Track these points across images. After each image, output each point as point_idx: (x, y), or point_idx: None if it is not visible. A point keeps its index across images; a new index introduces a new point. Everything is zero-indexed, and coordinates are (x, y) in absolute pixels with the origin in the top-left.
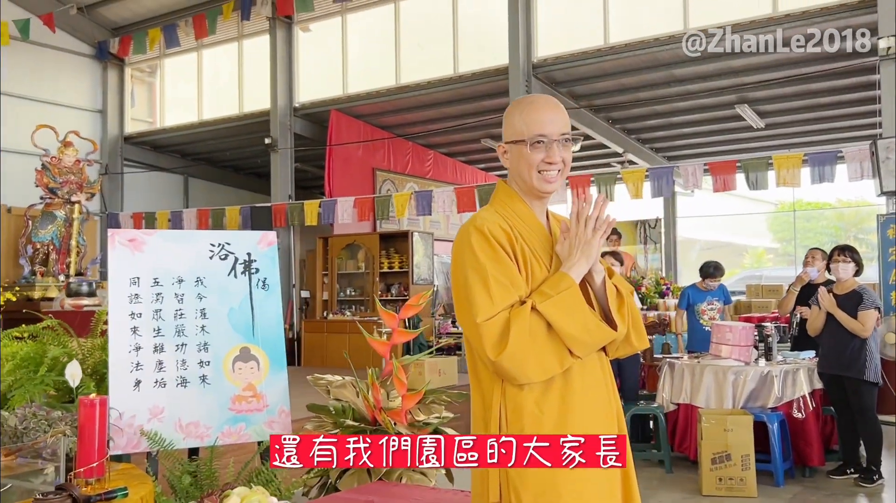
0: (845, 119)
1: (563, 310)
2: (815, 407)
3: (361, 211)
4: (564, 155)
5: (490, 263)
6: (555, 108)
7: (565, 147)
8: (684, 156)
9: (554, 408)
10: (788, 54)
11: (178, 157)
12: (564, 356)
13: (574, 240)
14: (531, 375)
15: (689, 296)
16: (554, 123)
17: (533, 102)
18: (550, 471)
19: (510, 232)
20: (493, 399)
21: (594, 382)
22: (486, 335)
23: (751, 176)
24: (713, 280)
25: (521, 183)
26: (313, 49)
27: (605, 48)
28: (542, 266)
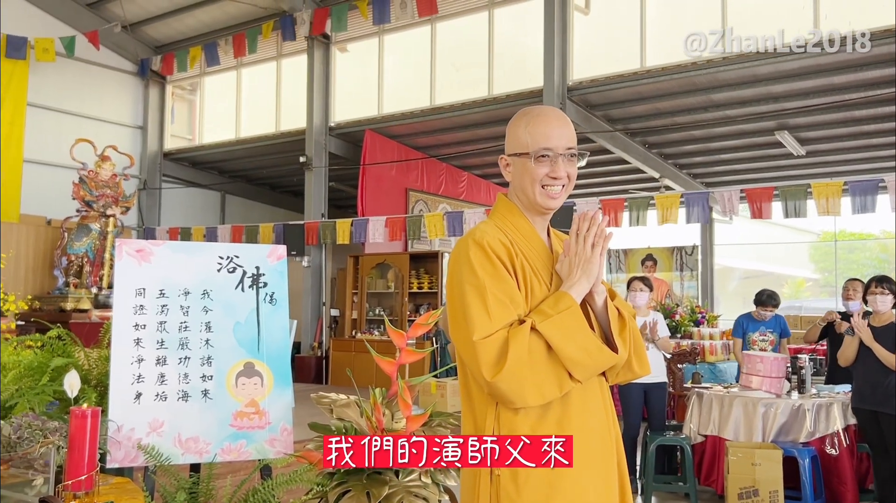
0: (887, 148)
1: (563, 330)
2: (849, 443)
3: (393, 230)
4: (569, 170)
5: (489, 279)
6: (561, 121)
7: (570, 162)
8: (722, 182)
9: (549, 425)
10: (830, 80)
11: (216, 173)
12: (564, 379)
13: (574, 258)
14: (528, 399)
15: (742, 324)
16: (560, 137)
17: (539, 114)
18: (545, 489)
19: (510, 247)
20: (486, 423)
21: (594, 409)
22: (483, 354)
23: (789, 204)
24: (765, 308)
25: (523, 197)
26: (350, 69)
27: (641, 71)
28: (542, 284)
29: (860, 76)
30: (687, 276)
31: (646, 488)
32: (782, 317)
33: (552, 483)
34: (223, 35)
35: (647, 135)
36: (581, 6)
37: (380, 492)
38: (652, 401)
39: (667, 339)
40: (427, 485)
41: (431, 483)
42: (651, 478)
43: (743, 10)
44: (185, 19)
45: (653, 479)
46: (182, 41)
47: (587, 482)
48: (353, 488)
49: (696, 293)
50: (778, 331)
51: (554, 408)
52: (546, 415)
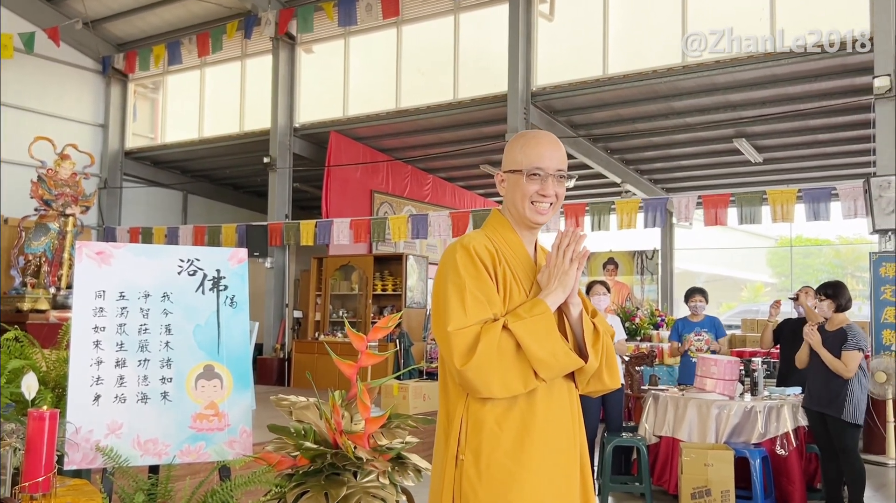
0: (841, 156)
1: (533, 332)
2: (798, 444)
3: (357, 232)
4: (558, 190)
5: (470, 279)
6: (554, 145)
7: (559, 182)
8: (682, 188)
9: (513, 429)
10: (787, 90)
11: (178, 173)
12: (529, 377)
13: (553, 269)
14: (494, 390)
15: (678, 328)
16: (552, 159)
17: (535, 137)
18: (505, 478)
19: (495, 254)
20: (457, 412)
21: (559, 411)
22: (455, 344)
23: (744, 210)
24: (692, 299)
25: (514, 212)
26: (315, 70)
27: (603, 78)
28: (521, 291)
29: (814, 86)
30: (647, 280)
31: (603, 488)
32: (717, 318)
33: (513, 473)
34: (187, 34)
35: (608, 140)
36: (545, 13)
37: (338, 493)
38: (609, 402)
39: (623, 342)
40: (385, 485)
41: (389, 484)
42: (608, 478)
43: (703, 19)
44: (148, 17)
45: (609, 480)
46: (145, 39)
47: (547, 477)
48: (312, 489)
49: (656, 297)
50: (713, 331)
51: (520, 403)
52: (511, 409)
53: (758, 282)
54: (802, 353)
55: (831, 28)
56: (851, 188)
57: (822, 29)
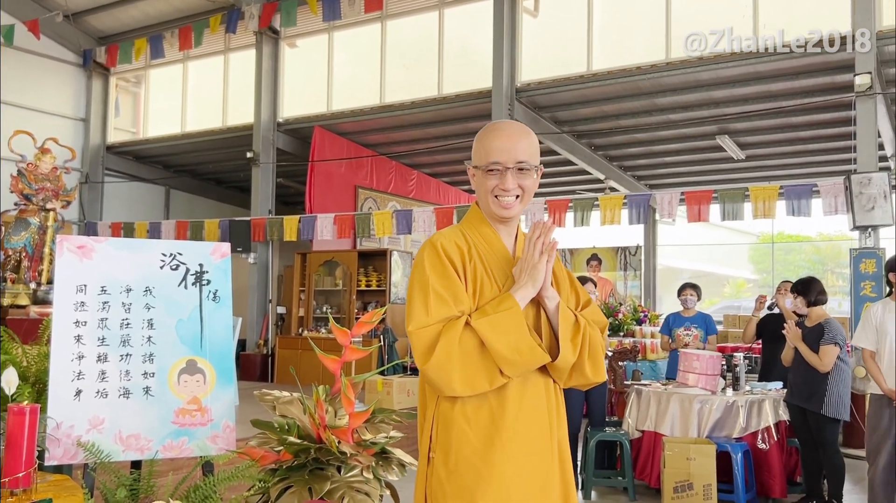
0: (822, 153)
1: (497, 328)
2: (779, 438)
3: (341, 228)
4: (523, 182)
5: (434, 277)
6: (514, 136)
7: (523, 174)
8: (665, 184)
9: (482, 427)
10: (770, 87)
11: (160, 168)
12: (494, 375)
13: (524, 263)
14: (457, 388)
15: (669, 321)
16: (510, 152)
17: (494, 129)
18: (473, 478)
19: (465, 250)
20: (429, 409)
21: (533, 408)
22: (417, 343)
23: (726, 207)
24: (684, 293)
25: (483, 206)
26: (299, 65)
27: (587, 75)
28: (493, 285)
29: (796, 84)
30: (630, 276)
31: (586, 483)
32: (709, 316)
33: (480, 472)
34: (169, 27)
35: (592, 137)
36: (530, 8)
37: (321, 488)
38: (592, 397)
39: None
40: (369, 480)
41: (373, 478)
42: (591, 472)
43: (687, 16)
44: (129, 10)
45: (592, 474)
46: (127, 32)
47: (517, 477)
48: (295, 484)
49: (639, 292)
50: (703, 327)
51: (490, 401)
52: (480, 407)
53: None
54: (788, 351)
55: (813, 26)
56: (832, 185)
57: (804, 26)
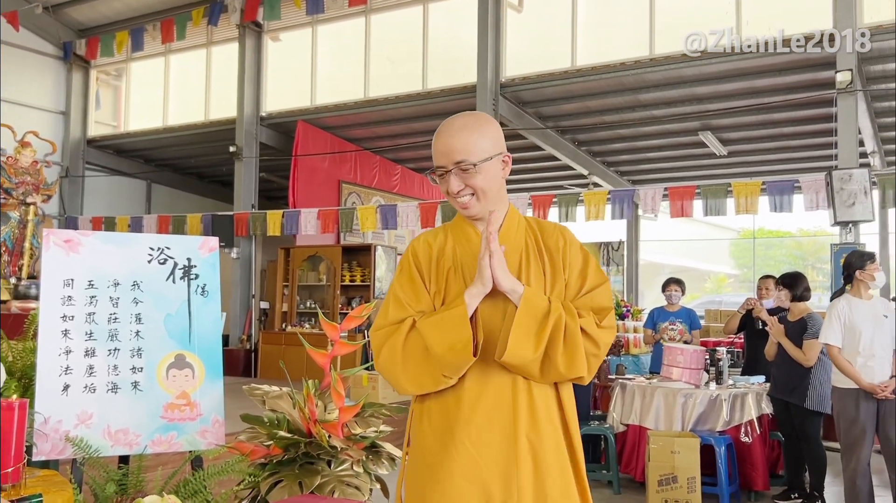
0: (803, 150)
1: (436, 328)
2: (762, 431)
3: (325, 223)
4: (470, 181)
5: (398, 281)
6: (452, 135)
7: (467, 174)
8: (648, 180)
9: (438, 426)
10: (752, 83)
11: (142, 162)
12: (438, 375)
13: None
14: (406, 387)
15: (654, 315)
16: (447, 154)
17: (437, 131)
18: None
19: (436, 249)
20: (411, 406)
21: (494, 407)
22: (372, 344)
23: (709, 202)
24: (668, 289)
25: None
26: (282, 59)
27: (572, 70)
28: (459, 283)
29: (779, 80)
30: (613, 271)
31: None
32: (693, 311)
33: (433, 469)
34: (151, 20)
35: (576, 132)
36: (514, 4)
37: (312, 482)
38: (577, 391)
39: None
40: (359, 474)
41: (363, 472)
42: None
43: (670, 12)
44: (110, 2)
45: None
46: (108, 25)
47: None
48: (286, 478)
49: (621, 287)
50: (687, 322)
51: (447, 398)
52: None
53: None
54: (771, 346)
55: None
56: (814, 181)
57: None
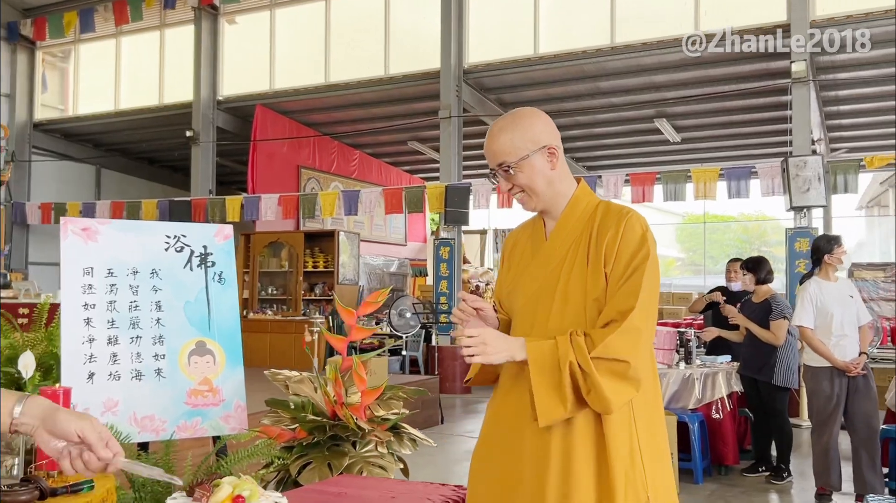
0: (757, 136)
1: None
2: (732, 408)
3: (286, 208)
4: (515, 181)
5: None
6: (492, 139)
7: (510, 175)
8: (603, 166)
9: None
10: (708, 72)
11: (91, 146)
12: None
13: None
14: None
15: None
16: (491, 157)
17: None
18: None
19: (512, 242)
20: None
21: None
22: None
23: (669, 187)
24: None
25: None
26: (240, 42)
27: (534, 58)
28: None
29: (734, 69)
30: None
31: None
32: None
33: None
34: (102, 1)
35: None
36: None
37: (340, 463)
38: None
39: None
40: (384, 454)
41: (387, 453)
42: None
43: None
44: None
45: None
46: (54, 5)
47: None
48: (315, 460)
49: None
50: None
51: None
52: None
53: (669, 257)
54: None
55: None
56: (770, 167)
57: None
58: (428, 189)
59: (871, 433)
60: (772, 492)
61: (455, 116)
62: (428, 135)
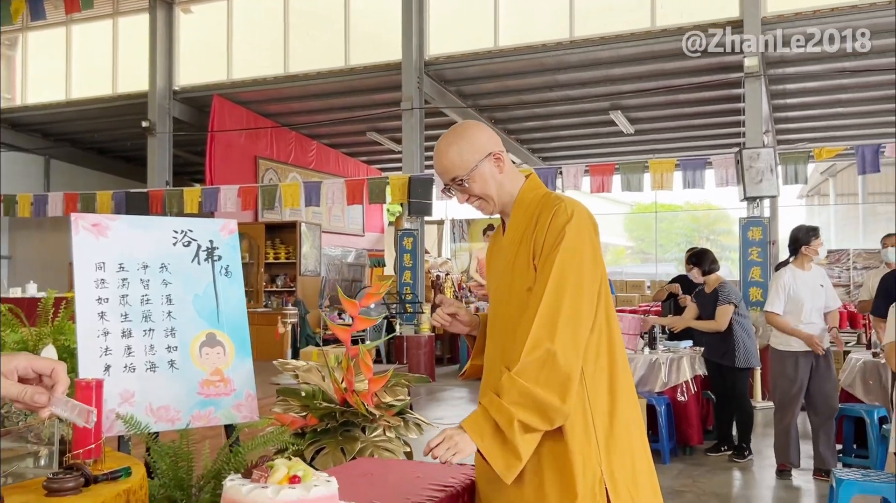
0: (710, 128)
1: None
2: (696, 391)
3: (246, 200)
4: (472, 191)
5: None
6: (439, 157)
7: (463, 188)
8: (559, 157)
9: None
10: (663, 66)
11: (39, 136)
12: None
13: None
14: None
15: None
16: (442, 174)
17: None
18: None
19: (489, 245)
20: None
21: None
22: None
23: (626, 178)
24: None
25: None
26: (196, 31)
27: (495, 51)
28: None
29: (687, 63)
30: None
31: None
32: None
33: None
34: None
35: (493, 111)
36: None
37: (353, 448)
38: None
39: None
40: (392, 439)
41: (395, 438)
42: None
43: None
44: None
45: None
46: None
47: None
48: (328, 445)
49: None
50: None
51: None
52: None
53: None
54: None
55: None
56: (724, 159)
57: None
58: (391, 180)
59: (830, 412)
60: (735, 469)
61: (417, 108)
62: (386, 125)
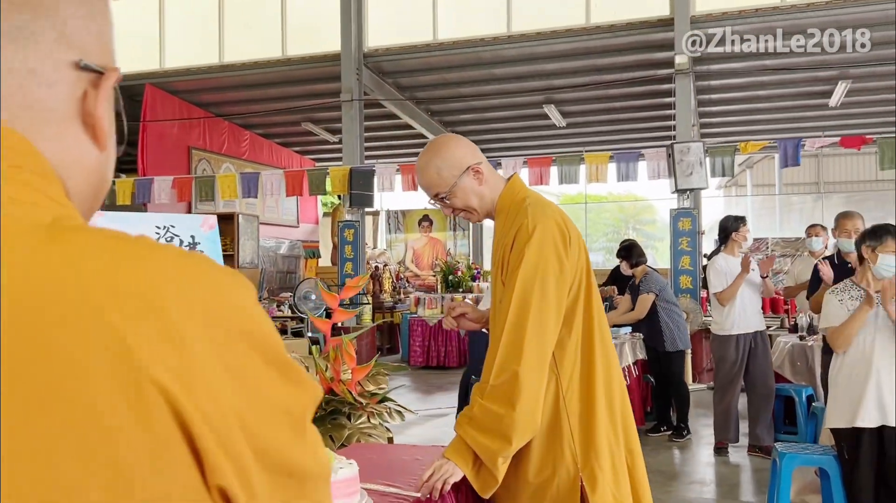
0: (641, 122)
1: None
2: (638, 375)
3: (181, 191)
4: (454, 205)
5: None
6: (420, 175)
7: (445, 203)
8: (494, 149)
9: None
10: (596, 62)
11: None
12: None
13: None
14: None
15: None
16: (426, 191)
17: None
18: None
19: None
20: None
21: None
22: None
23: (562, 170)
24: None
25: None
26: (126, 19)
27: (433, 44)
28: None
29: (619, 59)
30: (459, 235)
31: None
32: None
33: None
34: None
35: (431, 103)
36: None
37: (341, 435)
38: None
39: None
40: (376, 425)
41: (379, 424)
42: None
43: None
44: None
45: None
46: None
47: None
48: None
49: (468, 250)
50: None
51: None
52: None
53: None
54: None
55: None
56: (656, 152)
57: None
58: (331, 171)
59: (768, 392)
60: (674, 448)
61: (357, 99)
62: (322, 116)
